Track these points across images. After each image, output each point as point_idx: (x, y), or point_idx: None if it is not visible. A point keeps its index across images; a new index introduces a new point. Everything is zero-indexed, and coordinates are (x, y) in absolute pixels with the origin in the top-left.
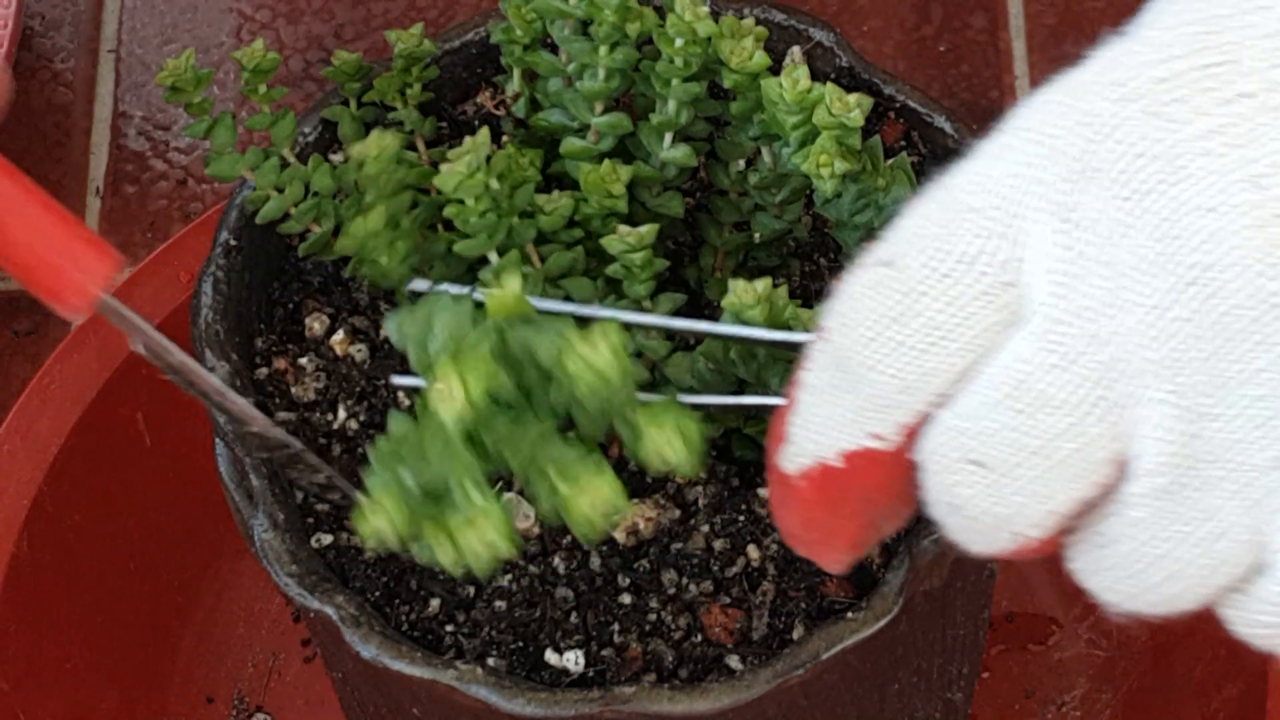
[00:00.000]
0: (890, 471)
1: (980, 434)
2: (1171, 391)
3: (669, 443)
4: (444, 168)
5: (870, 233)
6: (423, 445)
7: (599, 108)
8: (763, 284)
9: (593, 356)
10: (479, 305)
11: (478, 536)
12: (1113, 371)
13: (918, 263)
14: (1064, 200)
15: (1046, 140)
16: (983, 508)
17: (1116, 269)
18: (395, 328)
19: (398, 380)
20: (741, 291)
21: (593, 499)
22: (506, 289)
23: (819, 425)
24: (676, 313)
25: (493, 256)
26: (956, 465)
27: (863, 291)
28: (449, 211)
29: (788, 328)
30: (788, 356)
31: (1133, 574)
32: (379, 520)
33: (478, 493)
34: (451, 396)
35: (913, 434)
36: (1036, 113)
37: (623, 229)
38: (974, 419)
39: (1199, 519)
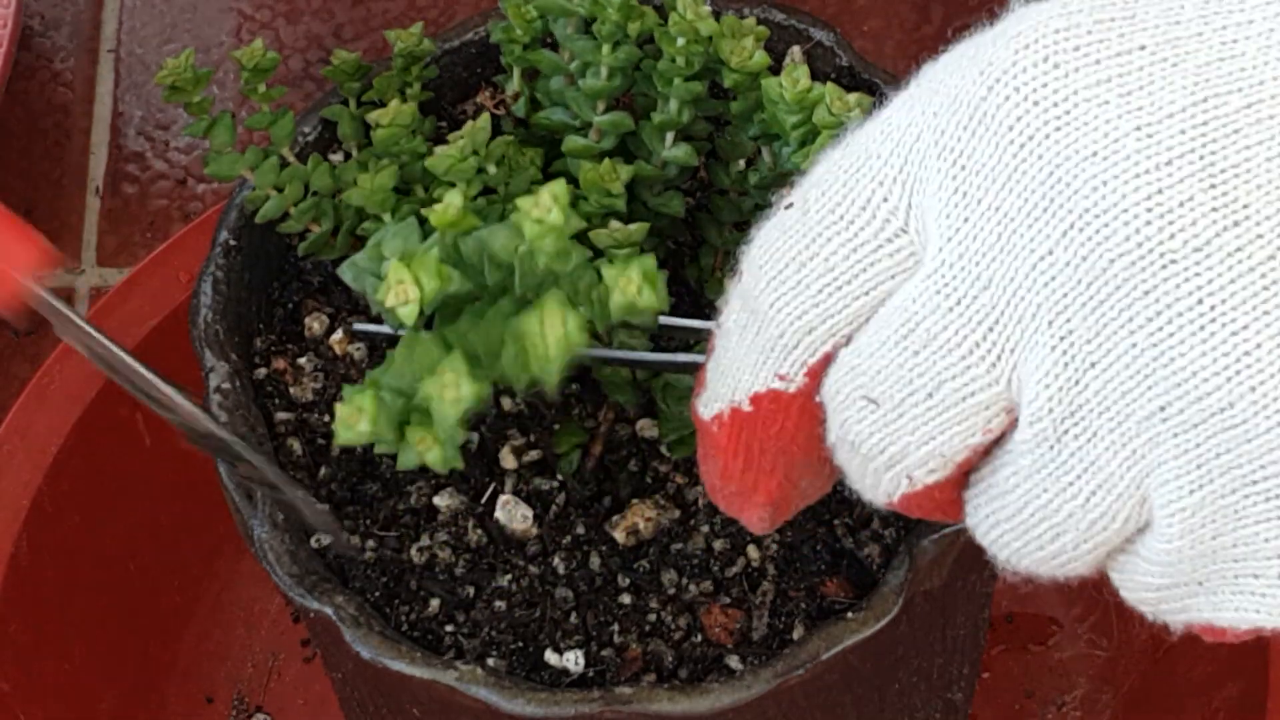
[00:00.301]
0: (798, 417)
1: (874, 371)
2: (1055, 337)
3: (637, 288)
4: (436, 150)
5: None
6: (392, 359)
7: (601, 106)
8: None
9: (544, 214)
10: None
11: (451, 395)
12: (1000, 315)
13: (821, 207)
14: (958, 146)
15: (945, 89)
16: (874, 444)
17: (1006, 214)
18: (348, 269)
19: (359, 327)
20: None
21: (555, 331)
22: (449, 204)
23: (729, 368)
24: (675, 312)
25: None
26: (851, 401)
27: (772, 234)
28: (438, 195)
29: None
30: None
31: (1020, 527)
32: (356, 420)
33: (448, 361)
34: (407, 295)
35: (817, 377)
36: (941, 64)
37: (613, 224)
38: (869, 357)
39: (1082, 470)
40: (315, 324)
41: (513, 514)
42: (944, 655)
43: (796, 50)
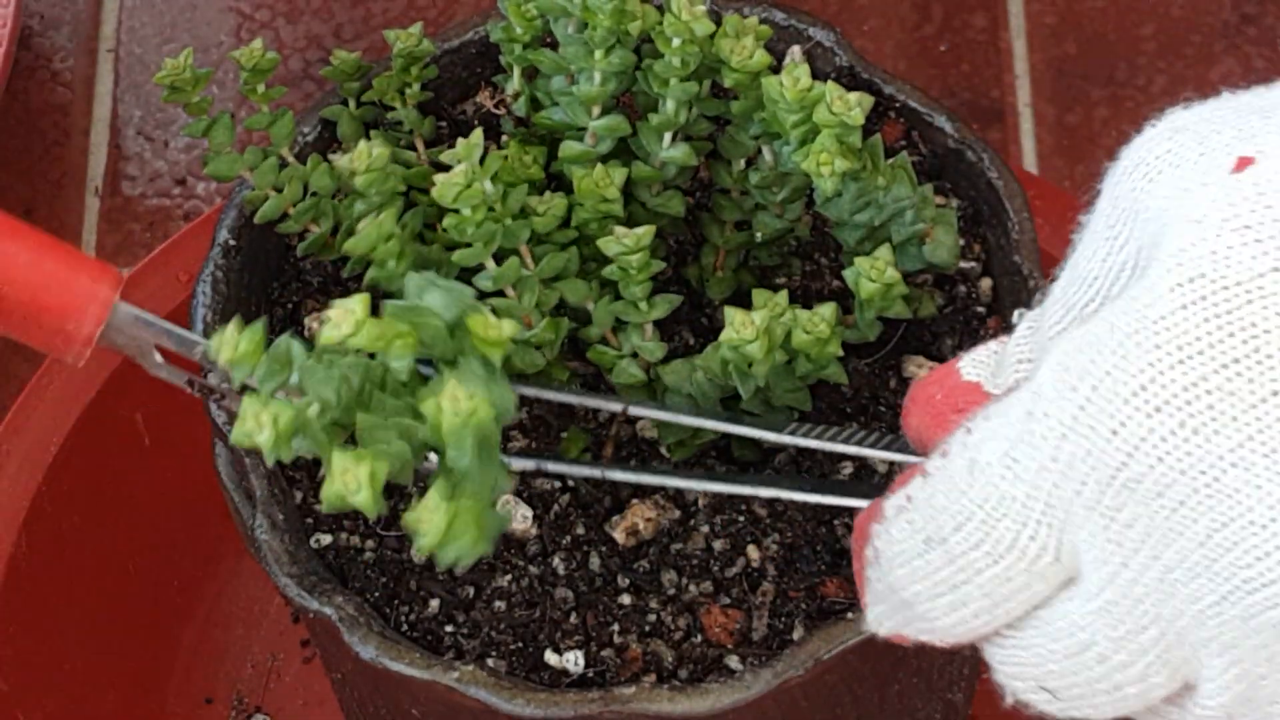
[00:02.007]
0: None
1: (1048, 673)
2: (1229, 664)
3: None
4: (439, 179)
5: (871, 231)
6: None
7: (596, 111)
8: (761, 315)
9: (455, 412)
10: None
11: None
12: (1172, 644)
13: (964, 544)
14: (1108, 504)
15: (1075, 440)
16: (1056, 711)
17: (1167, 566)
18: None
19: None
20: (740, 325)
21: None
22: (339, 324)
23: (886, 618)
24: (677, 312)
25: (489, 264)
26: (1029, 688)
27: (906, 558)
28: (447, 221)
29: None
30: (793, 385)
31: None
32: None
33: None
34: (260, 427)
35: None
36: (1061, 395)
37: (620, 230)
38: (1040, 659)
39: None
40: (315, 324)
41: (513, 514)
42: (944, 655)
43: (796, 50)
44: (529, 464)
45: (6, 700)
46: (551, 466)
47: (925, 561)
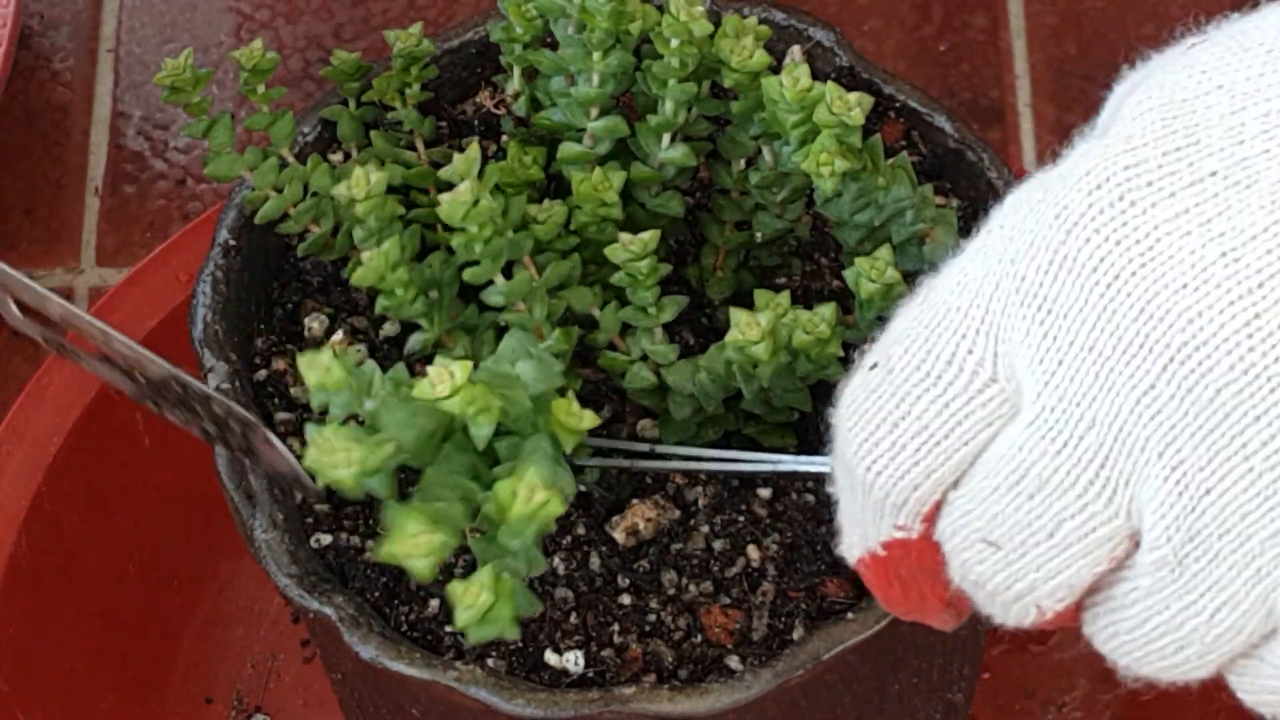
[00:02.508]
0: (932, 552)
1: (989, 516)
2: (1168, 468)
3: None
4: (444, 198)
5: (871, 231)
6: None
7: (594, 112)
8: (765, 317)
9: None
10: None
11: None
12: (1109, 452)
13: (906, 366)
14: (1041, 292)
15: (1021, 235)
16: (1000, 583)
17: (1100, 354)
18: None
19: None
20: (745, 326)
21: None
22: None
23: (853, 523)
24: (680, 313)
25: (499, 280)
26: (970, 544)
27: (858, 396)
28: (454, 241)
29: (793, 363)
30: (793, 385)
31: (1142, 641)
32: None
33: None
34: (348, 463)
35: (934, 518)
36: (1013, 209)
37: (625, 237)
38: (982, 503)
39: (1206, 590)
40: (315, 324)
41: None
42: (944, 655)
43: (796, 50)
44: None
45: (6, 700)
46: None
47: (871, 396)
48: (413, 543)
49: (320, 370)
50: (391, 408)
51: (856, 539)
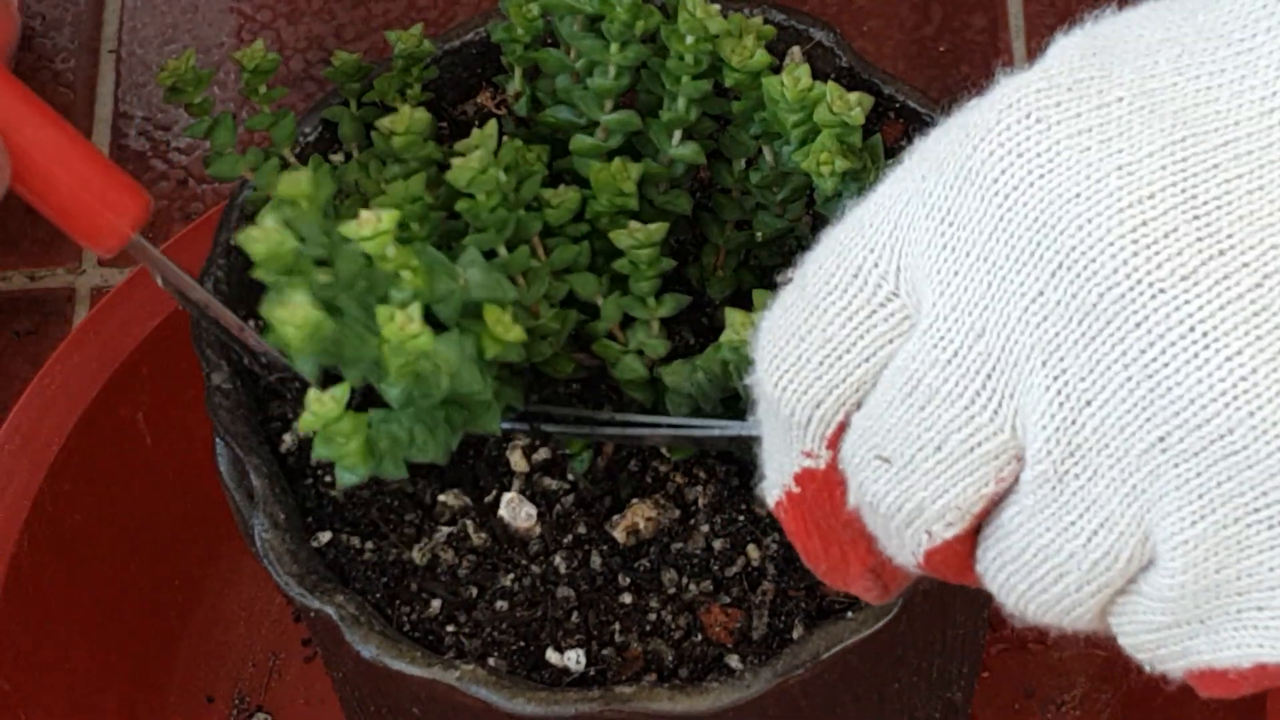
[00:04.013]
0: (840, 488)
1: (883, 430)
2: (1050, 377)
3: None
4: (455, 162)
5: None
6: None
7: (609, 105)
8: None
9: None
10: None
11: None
12: (996, 362)
13: (816, 280)
14: (945, 205)
15: (932, 155)
16: (891, 502)
17: (994, 262)
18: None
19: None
20: (740, 326)
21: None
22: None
23: (770, 454)
24: (680, 313)
25: (501, 251)
26: (866, 463)
27: (773, 314)
28: (460, 206)
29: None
30: None
31: (1024, 568)
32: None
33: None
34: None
35: (838, 446)
36: (934, 133)
37: (633, 224)
38: (877, 418)
39: (1084, 508)
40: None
41: (516, 512)
42: (944, 655)
43: (796, 50)
44: (523, 427)
45: (8, 700)
46: (546, 428)
47: (785, 313)
48: (291, 311)
49: (265, 239)
50: (340, 248)
51: (775, 475)
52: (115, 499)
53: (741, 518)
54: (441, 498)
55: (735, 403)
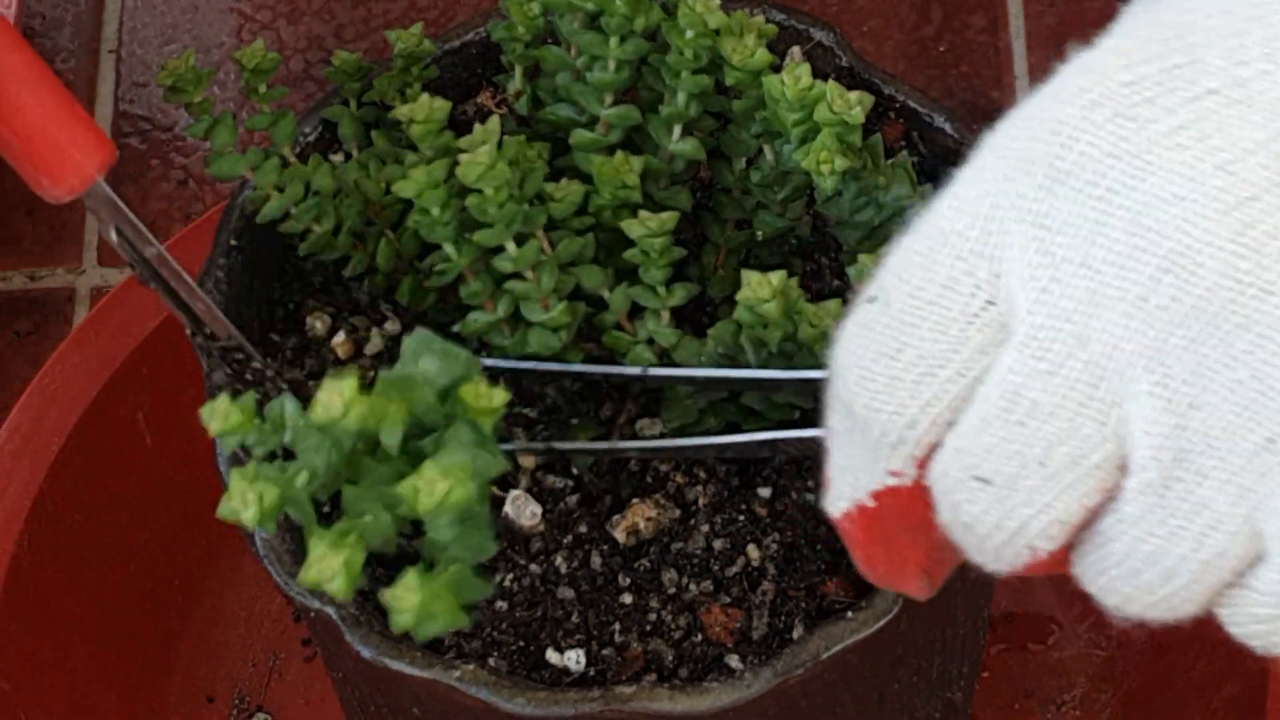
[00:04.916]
0: (923, 504)
1: (981, 450)
2: (1156, 383)
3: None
4: (463, 158)
5: (871, 231)
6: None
7: (609, 99)
8: (777, 277)
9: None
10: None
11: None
12: (1099, 370)
13: (903, 294)
14: (1038, 208)
15: (1017, 152)
16: (992, 522)
17: (1093, 268)
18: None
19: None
20: (756, 285)
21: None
22: (332, 400)
23: (844, 469)
24: (680, 307)
25: (510, 245)
26: (962, 483)
27: (855, 331)
28: (469, 202)
29: (797, 336)
30: (797, 351)
31: (1130, 572)
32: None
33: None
34: (246, 504)
35: (928, 459)
36: (1009, 128)
37: (644, 214)
38: (974, 436)
39: (1192, 512)
40: (317, 324)
41: (521, 510)
42: (943, 654)
43: (797, 50)
44: (539, 447)
45: (8, 699)
46: (560, 445)
47: (868, 330)
48: (320, 566)
49: (220, 418)
50: (305, 434)
51: (846, 489)
52: (115, 499)
53: (741, 518)
54: None
55: (739, 397)
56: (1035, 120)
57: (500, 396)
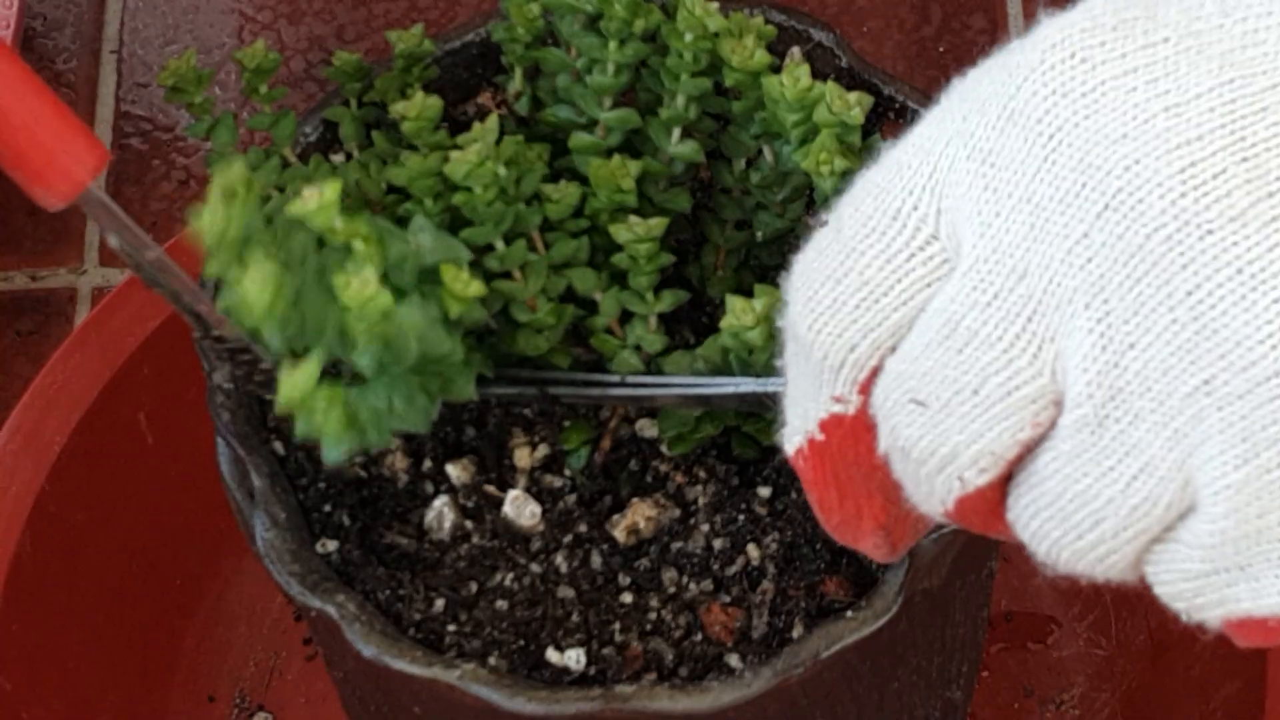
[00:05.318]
0: (867, 437)
1: (919, 374)
2: (1093, 319)
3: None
4: (454, 155)
5: None
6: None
7: (608, 102)
8: (762, 303)
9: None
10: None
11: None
12: (1038, 304)
13: (855, 222)
14: (987, 146)
15: (974, 95)
16: (925, 447)
17: (1038, 203)
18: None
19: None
20: (740, 311)
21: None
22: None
23: (795, 401)
24: (678, 310)
25: (499, 244)
26: (900, 406)
27: (807, 256)
28: (457, 199)
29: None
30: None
31: (1060, 514)
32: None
33: None
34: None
35: (870, 386)
36: (971, 76)
37: (633, 219)
38: (913, 361)
39: (1124, 453)
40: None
41: (521, 510)
42: (943, 654)
43: (796, 51)
44: (531, 391)
45: (10, 699)
46: (554, 390)
47: (819, 255)
48: (253, 275)
49: (213, 217)
50: (291, 234)
51: (797, 421)
52: (117, 498)
53: (741, 517)
54: (440, 498)
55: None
56: (997, 65)
57: (477, 288)
